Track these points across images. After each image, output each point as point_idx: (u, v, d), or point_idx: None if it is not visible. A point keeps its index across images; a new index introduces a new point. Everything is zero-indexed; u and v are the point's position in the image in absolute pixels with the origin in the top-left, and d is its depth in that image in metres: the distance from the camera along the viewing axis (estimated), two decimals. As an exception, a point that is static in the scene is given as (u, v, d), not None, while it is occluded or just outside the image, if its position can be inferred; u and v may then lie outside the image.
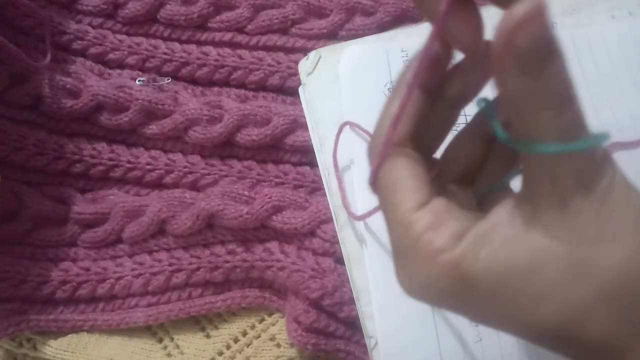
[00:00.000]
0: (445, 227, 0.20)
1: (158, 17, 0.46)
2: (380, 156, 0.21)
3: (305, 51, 0.45)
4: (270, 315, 0.43)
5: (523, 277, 0.19)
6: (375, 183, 0.22)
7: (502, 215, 0.20)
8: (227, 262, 0.41)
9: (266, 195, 0.41)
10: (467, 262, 0.19)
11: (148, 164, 0.43)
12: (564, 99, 0.18)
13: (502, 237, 0.20)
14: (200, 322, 0.43)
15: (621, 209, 0.19)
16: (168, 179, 0.43)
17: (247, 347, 0.42)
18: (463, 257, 0.19)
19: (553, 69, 0.18)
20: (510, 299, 0.20)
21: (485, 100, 0.23)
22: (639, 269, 0.19)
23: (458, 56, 0.23)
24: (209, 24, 0.46)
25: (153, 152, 0.44)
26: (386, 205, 0.22)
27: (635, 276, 0.19)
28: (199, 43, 0.46)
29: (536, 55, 0.17)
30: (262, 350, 0.41)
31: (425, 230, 0.20)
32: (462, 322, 0.38)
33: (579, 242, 0.19)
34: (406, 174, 0.21)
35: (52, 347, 0.42)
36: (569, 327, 0.20)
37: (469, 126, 0.24)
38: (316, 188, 0.43)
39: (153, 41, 0.46)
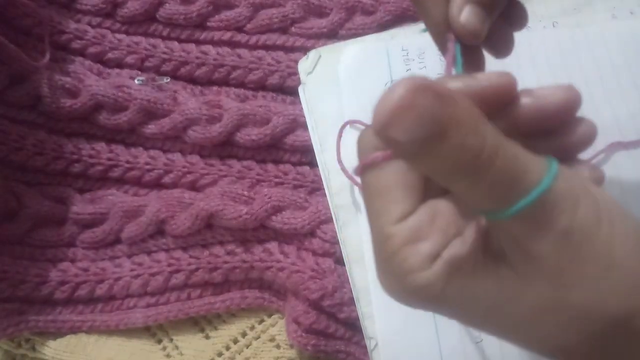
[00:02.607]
0: (423, 243, 0.20)
1: (157, 16, 0.45)
2: (372, 160, 0.21)
3: (305, 50, 0.45)
4: (269, 316, 0.42)
5: (492, 307, 0.20)
6: (361, 174, 0.22)
7: (477, 237, 0.20)
8: (226, 262, 0.41)
9: (266, 195, 0.41)
10: (438, 286, 0.19)
11: (147, 163, 0.43)
12: (473, 169, 0.16)
13: (474, 264, 0.19)
14: (199, 323, 0.43)
15: (584, 251, 0.18)
16: (167, 179, 0.43)
17: (247, 348, 0.42)
18: (434, 280, 0.19)
19: (447, 147, 0.16)
20: (483, 319, 0.20)
21: None
22: (609, 312, 0.19)
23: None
24: (208, 23, 0.46)
25: (152, 152, 0.44)
26: (369, 210, 0.21)
27: (609, 320, 0.19)
28: (198, 42, 0.46)
29: (419, 143, 0.16)
30: (262, 351, 0.41)
31: (401, 246, 0.20)
32: (462, 323, 0.38)
33: (545, 284, 0.19)
34: (393, 183, 0.20)
35: (51, 347, 0.41)
36: (546, 350, 0.20)
37: None
38: (316, 188, 0.43)
39: (152, 40, 0.45)
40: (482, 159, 0.16)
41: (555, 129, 0.22)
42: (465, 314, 0.21)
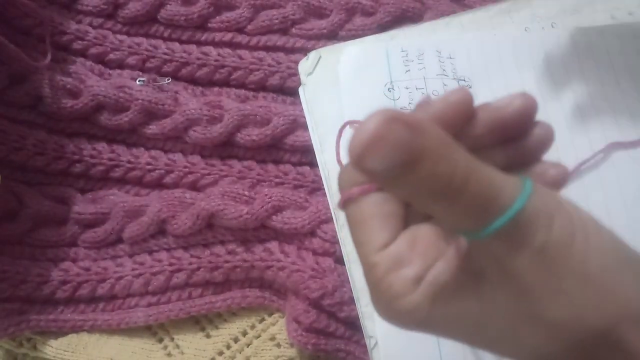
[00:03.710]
0: (406, 269, 0.20)
1: (158, 17, 0.46)
2: (350, 195, 0.22)
3: (305, 51, 0.45)
4: (270, 315, 0.43)
5: (475, 323, 0.20)
6: (343, 209, 0.23)
7: (458, 257, 0.20)
8: (227, 262, 0.41)
9: (266, 195, 0.41)
10: (423, 308, 0.20)
11: (148, 164, 0.43)
12: (447, 194, 0.17)
13: (456, 284, 0.20)
14: (200, 322, 0.43)
15: (560, 266, 0.19)
16: (168, 179, 0.43)
17: (247, 347, 0.42)
18: (419, 303, 0.20)
19: (419, 174, 0.16)
20: (469, 335, 0.21)
21: None
22: (588, 325, 0.19)
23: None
24: (209, 24, 0.46)
25: (153, 152, 0.44)
26: (354, 241, 0.22)
27: (589, 333, 0.19)
28: (199, 43, 0.46)
29: (394, 172, 0.16)
30: (262, 350, 0.41)
31: (385, 273, 0.20)
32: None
33: (523, 299, 0.19)
34: (372, 214, 0.21)
35: (52, 347, 0.42)
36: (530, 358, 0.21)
37: None
38: (316, 188, 0.43)
39: (153, 41, 0.46)
40: (455, 184, 0.17)
41: (515, 136, 0.22)
42: (452, 332, 0.21)
